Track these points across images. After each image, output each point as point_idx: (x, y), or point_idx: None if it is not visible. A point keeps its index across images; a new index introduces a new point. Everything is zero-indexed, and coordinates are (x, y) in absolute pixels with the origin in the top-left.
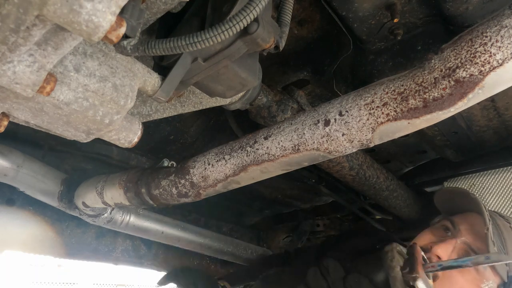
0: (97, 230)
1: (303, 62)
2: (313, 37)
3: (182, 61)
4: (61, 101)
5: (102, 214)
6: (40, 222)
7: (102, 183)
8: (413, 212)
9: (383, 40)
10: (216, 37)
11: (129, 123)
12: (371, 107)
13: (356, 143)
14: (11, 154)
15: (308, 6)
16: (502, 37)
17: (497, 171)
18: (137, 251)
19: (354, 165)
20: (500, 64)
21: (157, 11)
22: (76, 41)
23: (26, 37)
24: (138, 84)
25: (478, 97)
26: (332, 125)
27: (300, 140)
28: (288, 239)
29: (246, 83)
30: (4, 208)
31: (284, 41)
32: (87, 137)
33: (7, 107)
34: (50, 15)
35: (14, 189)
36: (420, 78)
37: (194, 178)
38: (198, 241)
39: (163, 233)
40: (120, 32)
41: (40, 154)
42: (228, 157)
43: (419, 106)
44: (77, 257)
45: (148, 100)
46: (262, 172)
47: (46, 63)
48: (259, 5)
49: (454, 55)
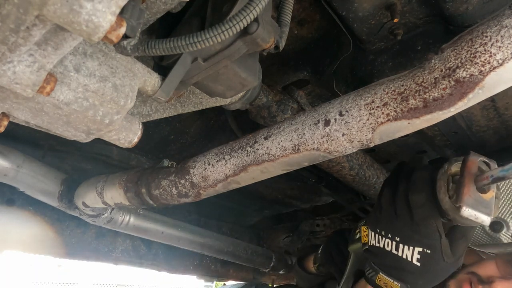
0: (97, 230)
1: (303, 62)
2: (313, 37)
3: (182, 61)
4: (61, 101)
5: (102, 214)
6: (40, 222)
7: (102, 183)
8: None
9: (383, 40)
10: (216, 37)
11: (129, 123)
12: (371, 107)
13: (356, 143)
14: (11, 154)
15: (308, 6)
16: (502, 37)
17: None
18: (137, 251)
19: (354, 165)
20: (500, 64)
21: (157, 11)
22: (76, 41)
23: (26, 37)
24: (138, 84)
25: (478, 97)
26: (332, 125)
27: (300, 140)
28: (288, 239)
29: (246, 83)
30: (4, 208)
31: (284, 41)
32: (87, 137)
33: (7, 107)
34: (50, 15)
35: (14, 189)
36: (420, 78)
37: (194, 178)
38: (198, 241)
39: (163, 233)
40: (120, 32)
41: (40, 154)
42: (228, 157)
43: (419, 106)
44: (77, 257)
45: (148, 100)
46: (262, 172)
47: (46, 63)
48: (259, 5)
49: (454, 55)
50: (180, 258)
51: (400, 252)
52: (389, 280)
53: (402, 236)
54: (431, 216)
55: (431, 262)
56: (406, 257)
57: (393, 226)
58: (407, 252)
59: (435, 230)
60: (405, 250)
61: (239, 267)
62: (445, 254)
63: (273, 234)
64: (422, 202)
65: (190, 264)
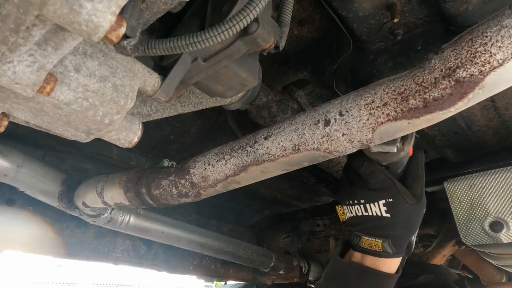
0: (97, 230)
1: (303, 62)
2: (313, 37)
3: (182, 61)
4: (61, 101)
5: (102, 214)
6: (40, 222)
7: (102, 183)
8: None
9: (383, 40)
10: (216, 37)
11: (129, 123)
12: (371, 107)
13: (356, 143)
14: (11, 154)
15: (308, 6)
16: (503, 37)
17: (497, 171)
18: (137, 251)
19: None
20: (501, 64)
21: (157, 11)
22: (76, 41)
23: (26, 37)
24: (138, 84)
25: (478, 97)
26: (332, 125)
27: (300, 140)
28: (288, 239)
29: (246, 83)
30: (4, 208)
31: (284, 41)
32: (87, 137)
33: (7, 107)
34: (50, 15)
35: (14, 189)
36: (420, 78)
37: (194, 178)
38: (198, 241)
39: (163, 233)
40: (120, 32)
41: (40, 154)
42: (228, 157)
43: (419, 106)
44: (77, 257)
45: (148, 100)
46: (262, 172)
47: (46, 63)
48: (259, 5)
49: (454, 55)
50: (180, 258)
51: (370, 212)
52: (372, 239)
53: (364, 197)
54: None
55: (398, 208)
56: (375, 213)
57: (354, 193)
58: (374, 209)
59: (385, 179)
60: (373, 207)
61: (239, 267)
62: (406, 196)
63: (273, 234)
64: (361, 163)
65: (190, 264)
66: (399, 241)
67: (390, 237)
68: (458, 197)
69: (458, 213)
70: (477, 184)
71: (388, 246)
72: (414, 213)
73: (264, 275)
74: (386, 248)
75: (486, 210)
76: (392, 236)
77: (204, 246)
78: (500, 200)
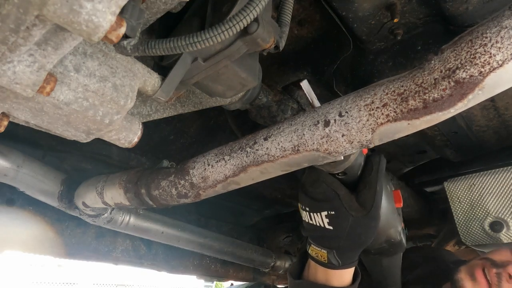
0: (97, 230)
1: (303, 62)
2: (313, 37)
3: (182, 61)
4: (61, 101)
5: (102, 214)
6: (40, 222)
7: (102, 183)
8: (413, 212)
9: (383, 40)
10: (216, 37)
11: (129, 123)
12: (371, 108)
13: (356, 144)
14: (11, 154)
15: (308, 6)
16: (502, 38)
17: (497, 171)
18: (137, 251)
19: None
20: (500, 65)
21: (157, 11)
22: (76, 41)
23: (26, 37)
24: (138, 84)
25: (478, 98)
26: (332, 126)
27: (300, 141)
28: (288, 239)
29: (246, 83)
30: (4, 208)
31: (284, 41)
32: (87, 137)
33: (7, 107)
34: (50, 15)
35: (14, 189)
36: (420, 79)
37: (194, 178)
38: (198, 241)
39: (163, 233)
40: (120, 32)
41: (40, 154)
42: (227, 157)
43: (419, 107)
44: (77, 257)
45: (148, 100)
46: (261, 173)
47: (46, 63)
48: (259, 5)
49: (454, 56)
50: (180, 258)
51: (314, 221)
52: (318, 249)
53: (308, 205)
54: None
55: (340, 221)
56: (319, 224)
57: (302, 199)
58: (318, 219)
59: (327, 189)
60: (316, 217)
61: (239, 267)
62: (350, 209)
63: (273, 234)
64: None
65: (190, 264)
66: (345, 253)
67: (335, 249)
68: (458, 197)
69: (458, 213)
70: (477, 184)
71: (333, 258)
72: (361, 227)
73: (264, 275)
74: (331, 259)
75: (486, 210)
76: (337, 248)
77: (204, 246)
78: (500, 200)
